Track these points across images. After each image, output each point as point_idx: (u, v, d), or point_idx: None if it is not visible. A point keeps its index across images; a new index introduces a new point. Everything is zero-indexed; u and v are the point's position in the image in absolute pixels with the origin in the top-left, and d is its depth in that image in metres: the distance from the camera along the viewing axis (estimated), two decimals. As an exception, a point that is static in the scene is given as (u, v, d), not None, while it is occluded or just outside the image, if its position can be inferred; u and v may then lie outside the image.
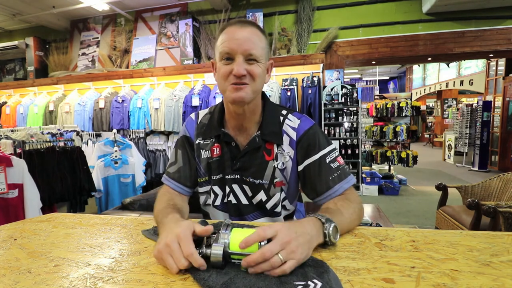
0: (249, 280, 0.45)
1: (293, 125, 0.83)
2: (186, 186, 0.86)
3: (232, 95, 0.73)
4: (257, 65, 0.73)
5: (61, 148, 2.40)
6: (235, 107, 0.77)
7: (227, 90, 0.74)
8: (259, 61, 0.73)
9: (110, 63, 4.65)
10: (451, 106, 9.64)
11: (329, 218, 0.58)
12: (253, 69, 0.72)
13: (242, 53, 0.71)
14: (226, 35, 0.73)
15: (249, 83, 0.73)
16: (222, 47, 0.73)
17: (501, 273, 0.45)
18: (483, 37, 3.74)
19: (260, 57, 0.73)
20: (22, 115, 4.59)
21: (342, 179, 0.76)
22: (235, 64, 0.71)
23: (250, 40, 0.71)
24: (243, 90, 0.72)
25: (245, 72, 0.71)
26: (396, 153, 4.66)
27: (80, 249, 0.60)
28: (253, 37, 0.72)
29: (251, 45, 0.71)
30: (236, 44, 0.71)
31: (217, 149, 0.84)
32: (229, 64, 0.72)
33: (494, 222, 1.56)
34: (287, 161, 0.82)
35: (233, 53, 0.71)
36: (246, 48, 0.71)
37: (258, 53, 0.72)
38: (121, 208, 1.73)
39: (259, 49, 0.73)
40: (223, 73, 0.73)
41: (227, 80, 0.73)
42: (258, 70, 0.73)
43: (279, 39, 4.03)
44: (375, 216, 1.74)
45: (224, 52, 0.72)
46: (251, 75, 0.72)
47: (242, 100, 0.73)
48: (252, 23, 0.75)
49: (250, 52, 0.71)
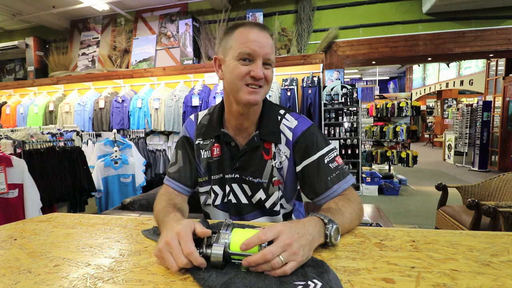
0: (249, 280, 0.45)
1: (290, 126, 0.83)
2: (187, 186, 0.86)
3: (248, 97, 0.74)
4: (271, 70, 0.76)
5: (61, 148, 2.40)
6: (243, 108, 0.78)
7: (240, 90, 0.74)
8: (272, 65, 0.77)
9: (110, 63, 4.65)
10: (451, 106, 9.63)
11: (332, 219, 0.58)
12: (268, 73, 0.75)
13: (263, 57, 0.73)
14: (246, 36, 0.73)
15: (263, 86, 0.76)
16: (242, 47, 0.72)
17: (501, 273, 0.45)
18: (483, 37, 3.74)
19: (273, 62, 0.77)
20: (22, 115, 4.59)
21: (341, 179, 0.76)
22: (255, 66, 0.72)
23: (269, 45, 0.74)
24: (258, 93, 0.75)
25: (263, 76, 0.73)
26: (396, 153, 4.66)
27: (80, 249, 0.60)
28: (271, 42, 0.75)
29: (270, 49, 0.75)
30: (259, 47, 0.72)
31: (217, 149, 0.85)
32: (247, 65, 0.73)
33: (494, 222, 1.56)
34: (284, 160, 0.83)
35: (255, 55, 0.72)
36: (267, 51, 0.73)
37: (273, 59, 0.76)
38: (121, 208, 1.73)
39: (273, 53, 0.77)
40: (240, 73, 0.73)
41: (242, 80, 0.73)
42: (272, 75, 0.77)
43: (279, 39, 4.04)
44: (375, 216, 1.74)
45: (245, 53, 0.72)
46: (266, 79, 0.75)
47: (256, 103, 0.75)
48: (268, 29, 0.78)
49: (269, 57, 0.74)
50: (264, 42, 0.73)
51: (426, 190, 4.39)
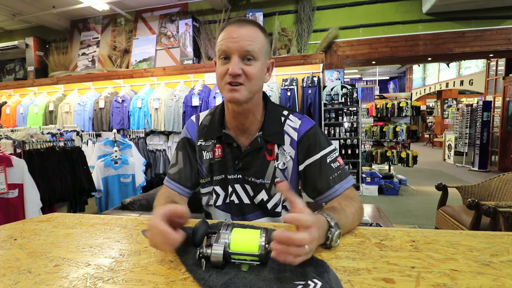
0: (249, 280, 0.45)
1: (294, 126, 0.83)
2: (186, 187, 0.86)
3: (227, 95, 0.74)
4: (254, 65, 0.72)
5: (61, 148, 2.40)
6: (234, 106, 0.78)
7: (223, 89, 0.75)
8: (257, 60, 0.73)
9: (110, 63, 4.65)
10: (451, 106, 9.63)
11: (337, 223, 0.57)
12: (249, 69, 0.72)
13: (238, 51, 0.71)
14: (224, 34, 0.73)
15: (244, 83, 0.72)
16: (219, 45, 0.73)
17: (501, 273, 0.45)
18: (483, 37, 3.74)
19: (257, 54, 0.72)
20: (22, 115, 4.59)
21: (342, 179, 0.77)
22: (231, 63, 0.71)
23: (247, 38, 0.71)
24: (237, 91, 0.72)
25: (240, 72, 0.71)
26: (396, 153, 4.66)
27: (80, 249, 0.60)
28: (251, 35, 0.72)
29: (248, 42, 0.71)
30: (232, 43, 0.71)
31: (218, 150, 0.85)
32: (226, 64, 0.72)
33: (494, 222, 1.56)
34: (288, 161, 0.83)
35: (230, 51, 0.71)
36: (242, 45, 0.70)
37: (256, 50, 0.72)
38: (121, 208, 1.73)
39: (256, 46, 0.72)
40: (220, 72, 0.73)
41: (223, 79, 0.73)
42: (254, 70, 0.72)
43: (279, 39, 4.03)
44: (375, 216, 1.74)
45: (221, 50, 0.72)
46: (246, 75, 0.72)
47: (237, 101, 0.73)
48: (251, 22, 0.75)
49: (247, 49, 0.70)
50: (240, 36, 0.70)
51: (426, 190, 4.39)
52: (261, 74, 0.76)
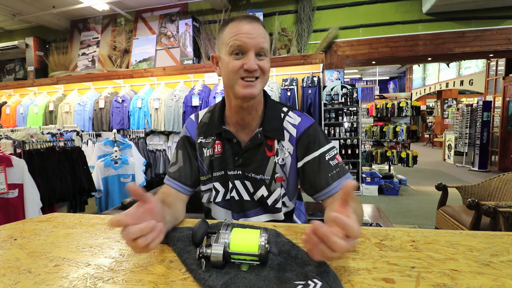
0: (249, 280, 0.45)
1: (293, 122, 0.84)
2: (186, 185, 0.86)
3: (243, 91, 0.73)
4: (266, 60, 0.75)
5: (61, 148, 2.40)
6: (241, 102, 0.77)
7: (235, 84, 0.74)
8: (267, 56, 0.75)
9: (110, 63, 4.65)
10: (451, 106, 9.63)
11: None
12: (263, 64, 0.74)
13: (255, 47, 0.72)
14: (235, 29, 0.72)
15: (260, 78, 0.75)
16: (232, 40, 0.72)
17: (501, 273, 0.45)
18: (483, 37, 3.74)
19: (268, 51, 0.75)
20: (22, 115, 4.59)
21: (341, 176, 0.77)
22: (248, 58, 0.71)
23: (262, 36, 0.73)
24: (254, 86, 0.74)
25: (257, 67, 0.72)
26: (396, 153, 4.66)
27: (80, 249, 0.60)
28: (263, 32, 0.74)
29: (262, 39, 0.73)
30: (249, 38, 0.71)
31: (218, 147, 0.85)
32: (240, 59, 0.72)
33: (494, 222, 1.56)
34: (287, 157, 0.83)
35: (246, 47, 0.71)
36: (258, 42, 0.72)
37: (268, 48, 0.75)
38: (121, 208, 1.73)
39: (268, 44, 0.75)
40: (233, 67, 0.72)
41: (237, 74, 0.73)
42: (268, 65, 0.75)
43: (279, 39, 4.03)
44: (375, 216, 1.74)
45: (235, 46, 0.72)
46: (261, 70, 0.74)
47: (252, 96, 0.74)
48: (258, 19, 0.76)
49: (262, 46, 0.72)
50: (254, 32, 0.72)
51: (426, 190, 4.39)
52: (269, 69, 0.79)
